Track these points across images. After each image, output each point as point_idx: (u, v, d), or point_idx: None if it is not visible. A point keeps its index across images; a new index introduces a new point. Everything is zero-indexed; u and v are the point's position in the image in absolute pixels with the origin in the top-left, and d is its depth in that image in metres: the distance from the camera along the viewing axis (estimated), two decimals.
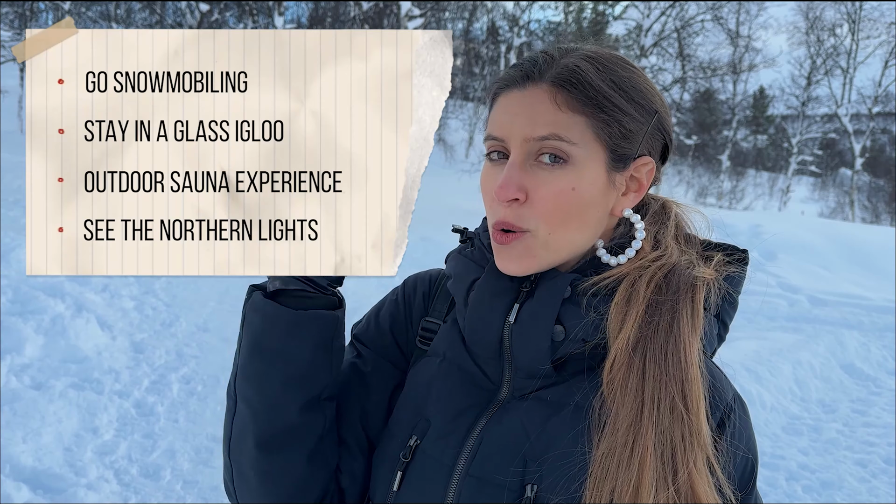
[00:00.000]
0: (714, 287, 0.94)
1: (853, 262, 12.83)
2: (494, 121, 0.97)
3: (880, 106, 31.65)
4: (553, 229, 0.92)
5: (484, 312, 0.96)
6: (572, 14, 30.28)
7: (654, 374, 0.87)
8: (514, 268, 0.94)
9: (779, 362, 6.58)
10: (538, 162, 0.92)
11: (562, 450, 0.89)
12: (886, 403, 6.22)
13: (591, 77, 0.92)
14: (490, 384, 0.99)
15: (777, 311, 9.17)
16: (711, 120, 36.69)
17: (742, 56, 31.06)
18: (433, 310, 1.10)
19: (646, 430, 0.85)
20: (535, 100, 0.93)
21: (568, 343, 0.92)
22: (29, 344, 5.03)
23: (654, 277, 0.92)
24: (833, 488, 4.51)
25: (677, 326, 0.89)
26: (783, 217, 19.08)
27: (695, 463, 0.84)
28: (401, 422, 1.02)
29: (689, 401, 0.86)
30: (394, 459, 0.99)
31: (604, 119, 0.92)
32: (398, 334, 1.11)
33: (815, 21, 32.32)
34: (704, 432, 0.86)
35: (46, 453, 3.87)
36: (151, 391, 4.86)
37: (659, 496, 0.83)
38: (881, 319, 8.87)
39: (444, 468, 0.95)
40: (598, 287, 0.92)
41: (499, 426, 0.94)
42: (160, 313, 6.44)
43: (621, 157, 0.95)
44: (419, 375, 1.05)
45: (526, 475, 0.90)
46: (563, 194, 0.91)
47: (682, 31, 25.44)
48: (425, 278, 1.14)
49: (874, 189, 37.66)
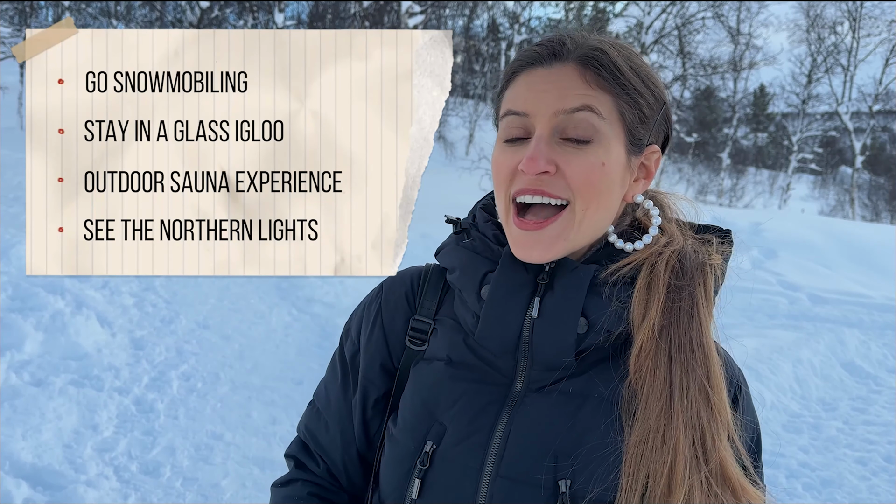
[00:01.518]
0: (718, 270, 0.97)
1: (853, 260, 12.82)
2: (517, 96, 0.95)
3: (881, 104, 31.61)
4: (587, 204, 0.92)
5: (503, 307, 0.94)
6: (573, 11, 30.24)
7: (680, 358, 0.89)
8: (538, 254, 0.93)
9: (779, 360, 6.57)
10: (564, 139, 0.92)
11: (594, 442, 0.90)
12: (886, 401, 6.22)
13: (615, 59, 0.94)
14: (502, 378, 0.97)
15: (777, 308, 9.16)
16: (712, 118, 36.67)
17: (743, 54, 31.02)
18: (421, 307, 1.06)
19: (676, 415, 0.87)
20: (564, 75, 0.93)
21: (592, 334, 0.92)
22: (29, 340, 5.03)
23: (670, 262, 0.94)
24: (833, 486, 4.51)
25: (696, 311, 0.91)
26: (783, 215, 19.06)
27: (721, 441, 0.88)
28: (410, 428, 0.99)
29: (713, 382, 0.89)
30: (407, 466, 0.97)
31: (627, 100, 0.93)
32: (377, 342, 1.08)
33: (816, 19, 32.27)
34: (727, 411, 0.90)
35: (46, 450, 3.88)
36: (151, 388, 4.86)
37: (693, 478, 0.85)
38: (881, 317, 8.86)
39: (471, 471, 0.93)
40: (616, 276, 0.93)
41: (523, 423, 0.93)
42: (160, 310, 6.43)
43: (637, 142, 0.96)
44: (422, 379, 1.02)
45: (558, 470, 0.90)
46: (595, 168, 0.91)
47: (682, 28, 25.41)
48: (404, 279, 1.10)
49: (874, 187, 37.64)
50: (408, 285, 1.09)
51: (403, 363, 1.06)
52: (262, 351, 5.90)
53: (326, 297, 7.39)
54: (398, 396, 1.05)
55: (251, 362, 5.59)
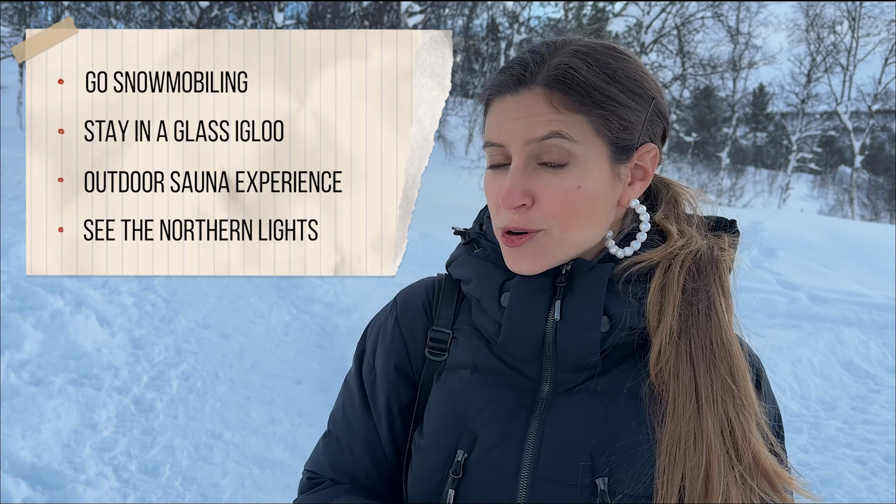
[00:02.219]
0: (732, 265, 0.99)
1: (853, 260, 12.82)
2: (491, 127, 0.96)
3: (880, 104, 31.62)
4: (565, 227, 0.93)
5: (525, 313, 0.95)
6: (572, 11, 30.24)
7: (702, 360, 0.90)
8: (526, 266, 0.94)
9: (778, 360, 6.57)
10: (540, 165, 0.92)
11: (629, 438, 0.91)
12: (886, 401, 6.23)
13: (583, 74, 0.92)
14: (528, 383, 0.97)
15: (776, 308, 9.16)
16: (711, 117, 36.68)
17: (742, 53, 31.02)
18: (438, 318, 1.06)
19: (705, 417, 0.88)
20: (531, 103, 0.92)
21: (616, 332, 0.93)
22: (28, 340, 5.03)
23: (684, 264, 0.94)
24: (833, 486, 4.51)
25: (714, 311, 0.93)
26: (783, 214, 19.06)
27: (753, 435, 0.89)
28: (439, 438, 0.98)
29: (738, 377, 0.91)
30: (439, 476, 0.97)
31: (601, 115, 0.92)
32: (399, 359, 1.07)
33: (816, 18, 32.27)
34: (756, 403, 0.91)
35: (45, 450, 3.87)
36: (150, 387, 4.86)
37: (728, 476, 0.87)
38: (881, 317, 8.86)
39: (508, 475, 0.93)
40: (629, 273, 0.94)
41: (556, 425, 0.93)
42: (159, 309, 6.43)
43: (623, 149, 0.95)
44: (448, 389, 1.01)
45: (595, 469, 0.91)
46: (570, 193, 0.92)
47: (682, 28, 25.41)
48: (419, 291, 1.10)
49: (873, 186, 37.66)
50: (424, 297, 1.09)
51: (425, 375, 1.05)
52: (262, 350, 5.90)
53: (326, 296, 7.39)
54: (421, 409, 1.04)
55: (250, 361, 5.59)
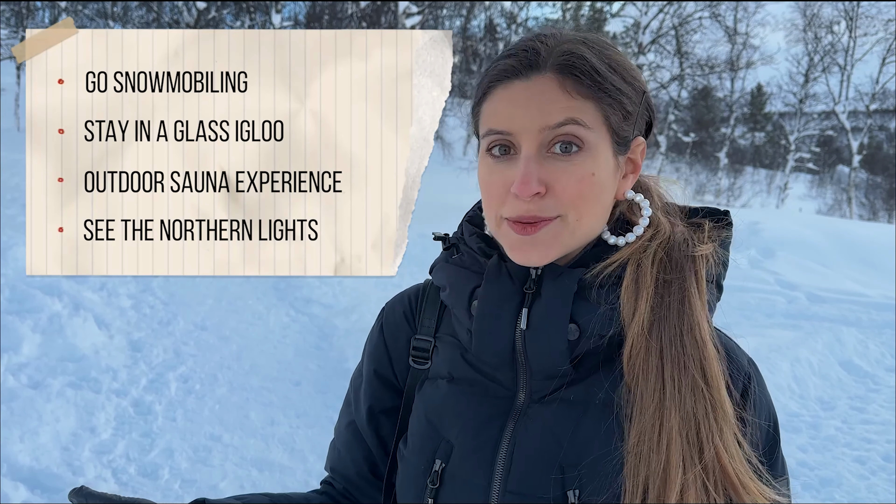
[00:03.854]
0: (712, 257, 0.95)
1: (851, 259, 12.84)
2: (497, 114, 0.92)
3: (878, 103, 31.66)
4: (580, 214, 0.91)
5: (492, 322, 0.93)
6: (570, 11, 30.27)
7: (671, 354, 0.88)
8: (536, 258, 0.91)
9: (777, 359, 6.58)
10: (551, 153, 0.90)
11: (598, 451, 0.89)
12: (885, 400, 6.23)
13: (592, 62, 0.90)
14: (505, 391, 0.96)
15: (775, 307, 9.17)
16: (709, 117, 36.71)
17: (740, 53, 31.06)
18: (421, 326, 1.06)
19: (669, 412, 0.86)
20: (544, 88, 0.89)
21: (584, 340, 0.91)
22: (26, 343, 5.03)
23: (656, 256, 0.92)
24: (832, 485, 4.51)
25: (688, 305, 0.89)
26: (781, 214, 19.08)
27: (721, 438, 0.86)
28: (419, 447, 0.99)
29: (709, 377, 0.87)
30: (419, 486, 0.97)
31: (609, 102, 0.91)
32: (385, 371, 1.09)
33: (813, 18, 32.32)
34: (727, 407, 0.87)
35: (44, 452, 3.87)
36: (149, 390, 4.86)
37: (687, 475, 0.84)
38: (879, 316, 8.87)
39: (479, 488, 0.92)
40: (602, 277, 0.92)
41: (527, 436, 0.92)
42: (158, 312, 6.43)
43: (623, 140, 0.94)
44: (428, 399, 1.01)
45: (566, 482, 0.89)
46: (585, 180, 0.89)
47: (679, 28, 25.45)
48: (402, 299, 1.09)
49: (871, 186, 37.73)
50: (406, 305, 1.08)
51: (409, 383, 1.05)
52: (260, 352, 5.89)
53: (324, 297, 7.38)
54: (406, 418, 1.05)
55: (249, 363, 5.58)
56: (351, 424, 1.11)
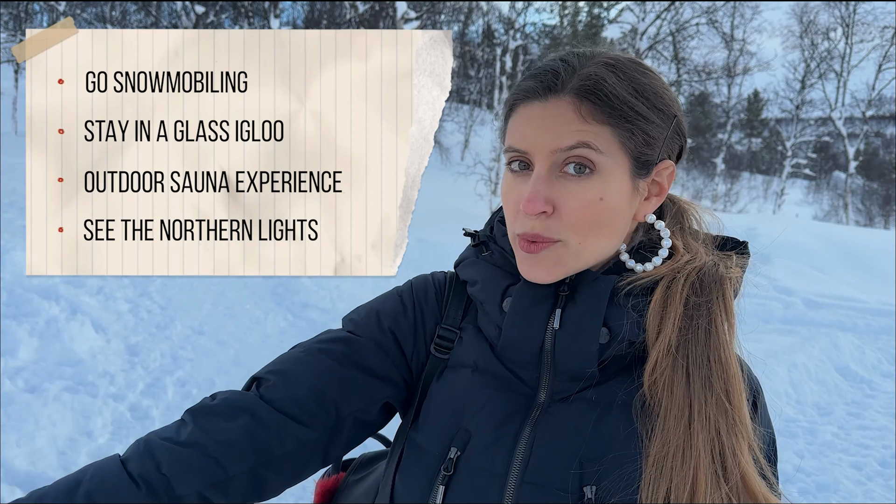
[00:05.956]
0: (737, 282, 0.98)
1: (848, 265, 12.87)
2: (516, 132, 0.95)
3: (874, 109, 31.74)
4: (583, 239, 0.93)
5: (525, 320, 0.95)
6: (567, 17, 30.35)
7: (698, 376, 0.90)
8: (541, 276, 0.93)
9: (774, 365, 6.58)
10: (563, 173, 0.92)
11: (619, 450, 0.90)
12: (881, 406, 6.24)
13: (614, 86, 0.92)
14: (526, 388, 0.97)
15: (772, 313, 9.18)
16: (706, 123, 36.77)
17: (736, 59, 31.17)
18: (447, 316, 1.06)
19: (696, 433, 0.88)
20: (559, 111, 0.91)
21: (614, 345, 0.93)
22: (23, 347, 5.01)
23: (688, 279, 0.94)
24: (828, 491, 4.52)
25: (715, 328, 0.92)
26: (778, 220, 19.13)
27: (743, 454, 0.88)
28: (435, 434, 0.99)
29: (733, 397, 0.90)
30: (430, 472, 0.97)
31: (628, 128, 0.92)
32: (403, 338, 1.06)
33: (810, 25, 32.45)
34: (748, 423, 0.90)
35: (41, 457, 3.86)
36: (146, 394, 4.84)
37: (714, 496, 0.86)
38: (876, 322, 8.88)
39: (497, 477, 0.93)
40: (633, 286, 0.94)
41: (548, 431, 0.94)
42: (155, 316, 6.42)
43: (644, 164, 0.95)
44: (448, 387, 1.01)
45: (583, 477, 0.90)
46: (592, 205, 0.91)
47: (676, 34, 25.54)
48: (435, 281, 1.10)
49: (868, 192, 37.85)
50: (437, 289, 1.09)
51: (428, 372, 1.05)
52: (258, 356, 5.88)
53: (322, 302, 7.38)
54: (419, 406, 1.04)
55: (247, 368, 5.57)
56: (344, 356, 1.03)
